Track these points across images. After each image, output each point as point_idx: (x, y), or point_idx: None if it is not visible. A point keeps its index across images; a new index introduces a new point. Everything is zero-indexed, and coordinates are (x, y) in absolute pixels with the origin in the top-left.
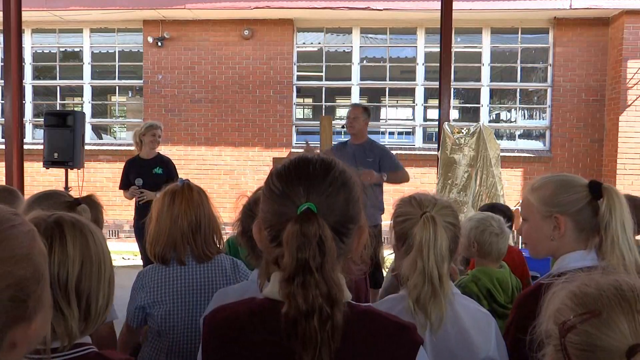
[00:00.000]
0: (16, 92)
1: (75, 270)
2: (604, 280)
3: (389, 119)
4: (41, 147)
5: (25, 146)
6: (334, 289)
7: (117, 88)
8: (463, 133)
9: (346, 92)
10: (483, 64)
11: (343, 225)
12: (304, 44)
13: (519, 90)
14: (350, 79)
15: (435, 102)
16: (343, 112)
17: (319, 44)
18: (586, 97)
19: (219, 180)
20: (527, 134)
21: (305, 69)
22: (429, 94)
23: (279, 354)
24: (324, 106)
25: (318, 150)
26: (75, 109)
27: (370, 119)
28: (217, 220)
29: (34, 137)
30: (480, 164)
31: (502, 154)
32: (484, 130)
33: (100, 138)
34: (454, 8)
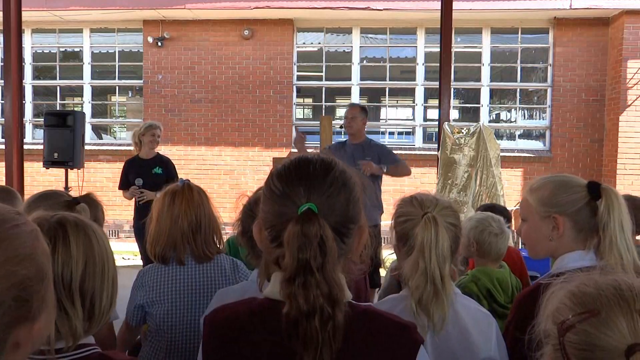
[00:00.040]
0: (16, 92)
1: (79, 270)
2: (602, 280)
3: (389, 119)
4: (41, 147)
5: (25, 146)
6: (335, 289)
7: (117, 88)
8: (463, 133)
9: (346, 92)
10: (483, 64)
11: (344, 225)
12: (304, 44)
13: (519, 90)
14: (350, 79)
15: (435, 102)
16: (343, 112)
17: (319, 44)
18: (586, 97)
19: (219, 180)
20: (527, 134)
21: (305, 69)
22: (429, 94)
23: (279, 354)
24: (324, 106)
25: (306, 135)
26: (75, 109)
27: (368, 119)
28: (217, 221)
29: (34, 137)
30: (480, 164)
31: (502, 154)
32: (484, 130)
33: (100, 138)
34: (454, 8)
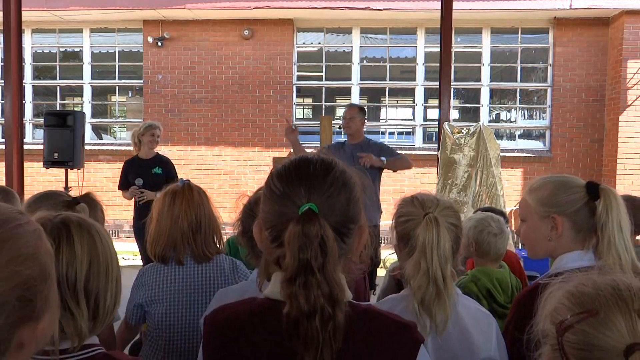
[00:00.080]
0: (16, 92)
1: (84, 270)
2: (601, 280)
3: (389, 119)
4: (41, 147)
5: (25, 146)
6: (335, 289)
7: (117, 88)
8: (463, 133)
9: (346, 92)
10: (483, 64)
11: (344, 225)
12: (304, 44)
13: (519, 90)
14: (350, 79)
15: (435, 102)
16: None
17: (319, 44)
18: (586, 97)
19: (219, 180)
20: (527, 134)
21: (305, 69)
22: (429, 94)
23: (280, 354)
24: (324, 106)
25: (296, 125)
26: (75, 109)
27: (366, 119)
28: (217, 221)
29: (34, 137)
30: (480, 164)
31: (502, 154)
32: (484, 130)
33: (100, 138)
34: (454, 8)
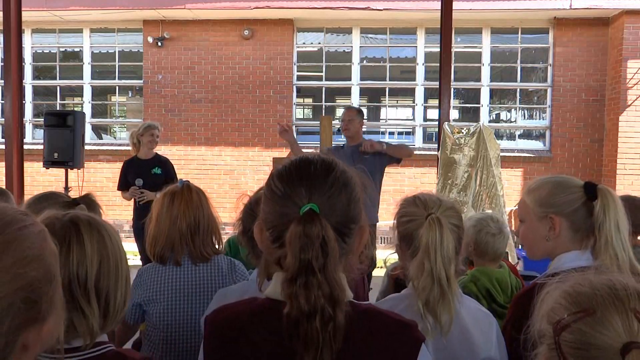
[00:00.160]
0: (16, 92)
1: (94, 268)
2: (597, 280)
3: (389, 119)
4: (41, 147)
5: (25, 146)
6: (336, 290)
7: (117, 88)
8: (463, 133)
9: (346, 92)
10: (483, 64)
11: (345, 225)
12: (304, 44)
13: (519, 90)
14: (350, 79)
15: (435, 102)
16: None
17: (319, 44)
18: (586, 97)
19: (219, 180)
20: (527, 134)
21: (305, 69)
22: (429, 94)
23: (280, 354)
24: (324, 106)
25: (290, 125)
26: (75, 109)
27: (364, 120)
28: (217, 221)
29: (34, 137)
30: (480, 164)
31: (502, 154)
32: (484, 130)
33: (100, 138)
34: (454, 8)
